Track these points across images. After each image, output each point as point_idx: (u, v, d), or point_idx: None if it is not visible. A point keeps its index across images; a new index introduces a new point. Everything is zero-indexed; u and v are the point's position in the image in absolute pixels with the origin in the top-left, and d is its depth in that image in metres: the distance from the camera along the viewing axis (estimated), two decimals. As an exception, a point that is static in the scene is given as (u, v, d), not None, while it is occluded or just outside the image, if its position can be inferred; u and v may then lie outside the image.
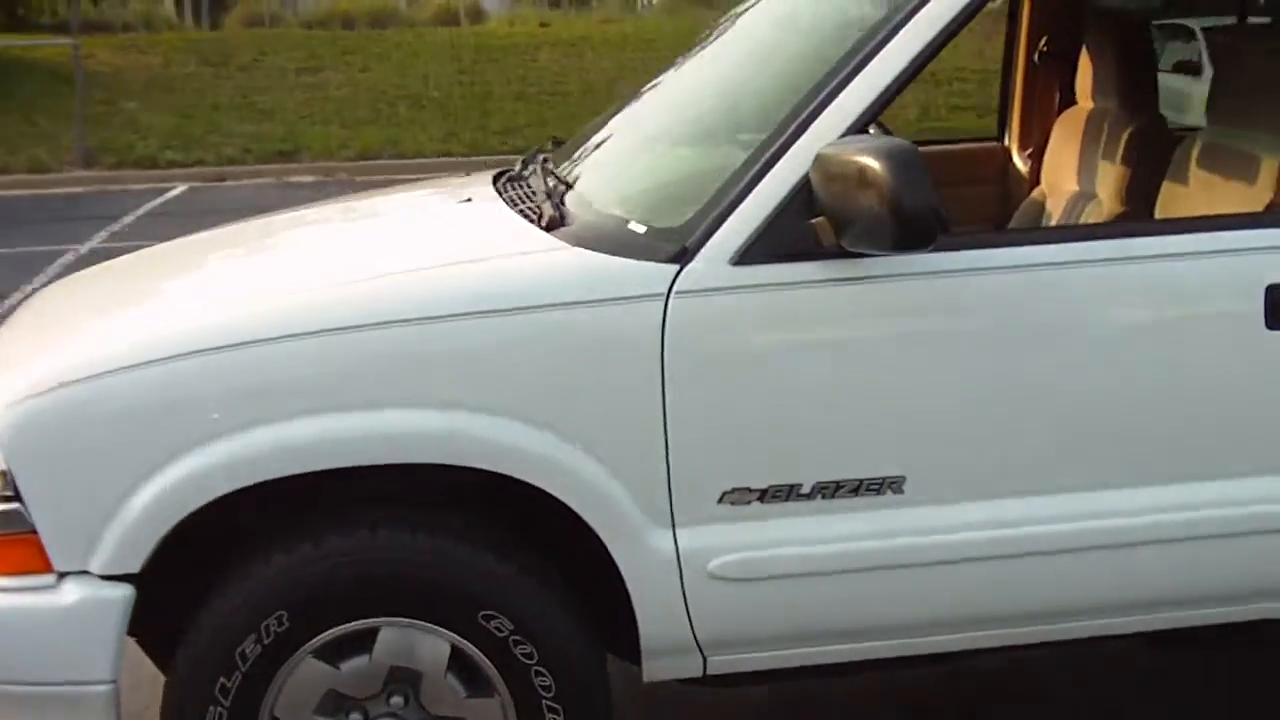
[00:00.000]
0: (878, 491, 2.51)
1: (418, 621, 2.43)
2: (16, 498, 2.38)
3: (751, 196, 2.46)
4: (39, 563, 2.39)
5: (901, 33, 2.50)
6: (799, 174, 2.43)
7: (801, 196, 2.43)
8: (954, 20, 2.52)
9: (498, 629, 2.43)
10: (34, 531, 2.38)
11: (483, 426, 2.39)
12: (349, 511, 2.45)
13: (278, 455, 2.36)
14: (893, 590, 2.57)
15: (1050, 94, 4.12)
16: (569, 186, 2.91)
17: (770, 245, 2.44)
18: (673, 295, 2.42)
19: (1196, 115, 5.79)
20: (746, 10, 3.49)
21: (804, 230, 2.44)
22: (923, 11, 2.52)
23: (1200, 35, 12.60)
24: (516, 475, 2.41)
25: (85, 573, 2.38)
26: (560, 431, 2.40)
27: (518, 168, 3.27)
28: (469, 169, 4.42)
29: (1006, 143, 4.33)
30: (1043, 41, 4.14)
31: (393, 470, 2.41)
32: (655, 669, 2.58)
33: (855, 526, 2.51)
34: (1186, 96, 11.03)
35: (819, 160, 2.39)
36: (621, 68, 18.77)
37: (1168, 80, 9.92)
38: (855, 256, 2.41)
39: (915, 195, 2.25)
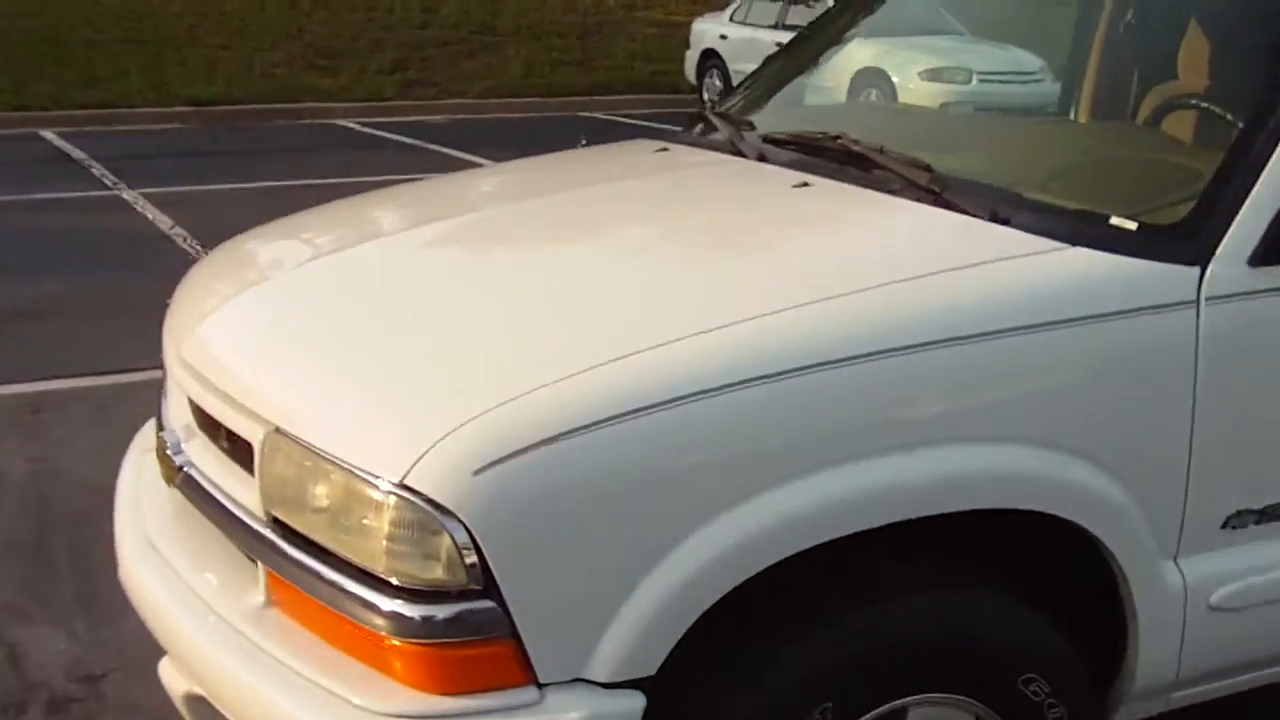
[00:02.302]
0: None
1: (951, 695, 1.97)
2: (487, 592, 1.73)
3: (1259, 190, 2.11)
4: (513, 674, 1.75)
5: None
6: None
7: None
8: None
9: (1035, 693, 2.01)
10: (510, 635, 1.74)
11: (1034, 460, 1.95)
12: (875, 575, 1.94)
13: (837, 511, 1.82)
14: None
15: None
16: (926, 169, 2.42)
17: None
18: (1203, 301, 2.05)
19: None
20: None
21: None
22: None
23: None
24: (1052, 510, 1.98)
25: (580, 681, 1.77)
26: (1093, 458, 2.00)
27: (754, 138, 2.73)
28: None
29: (1074, 117, 4.12)
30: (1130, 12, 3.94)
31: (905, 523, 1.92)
32: (1125, 714, 2.23)
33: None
34: None
35: None
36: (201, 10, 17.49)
37: None
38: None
39: None
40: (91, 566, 3.82)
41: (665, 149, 2.83)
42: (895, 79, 12.86)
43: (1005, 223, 2.17)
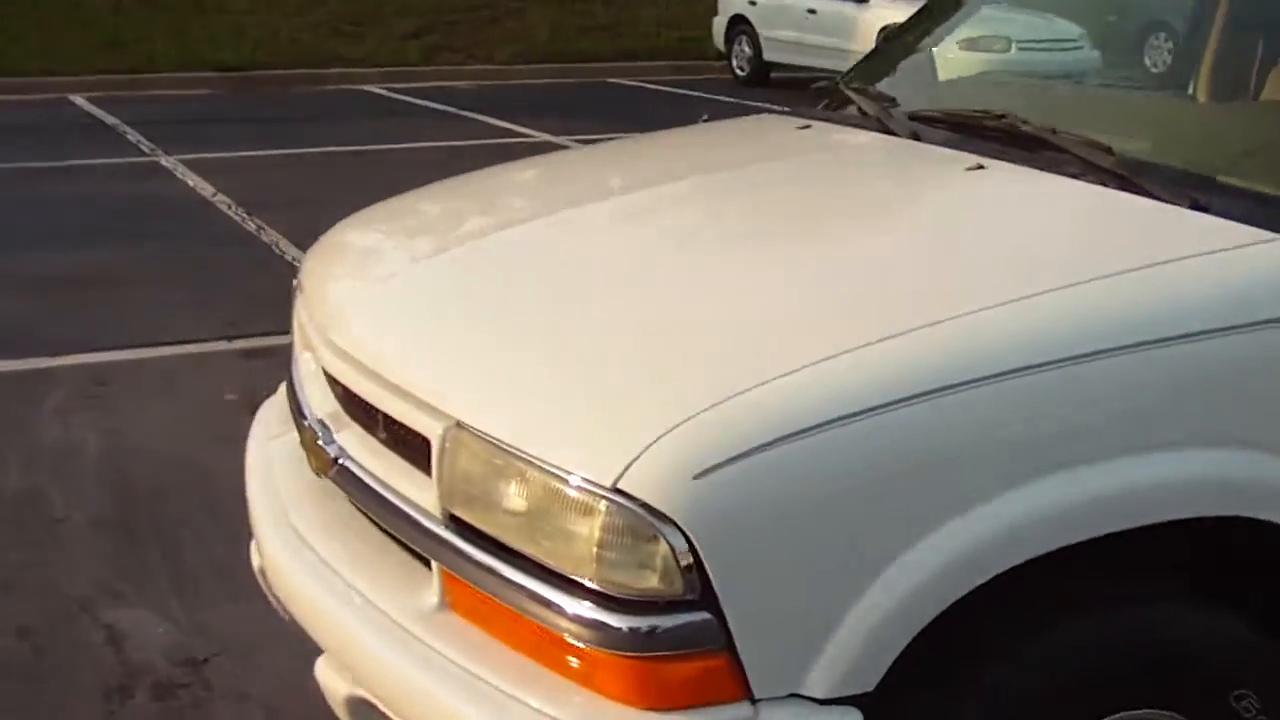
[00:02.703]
0: None
1: (1158, 711, 1.87)
2: (703, 603, 1.62)
3: None
4: (727, 689, 1.64)
5: None
6: None
7: None
8: None
9: (1246, 709, 1.90)
10: (725, 649, 1.63)
11: (1260, 465, 1.83)
12: (1084, 586, 1.83)
13: (1070, 518, 1.70)
14: None
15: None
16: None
17: None
18: None
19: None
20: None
21: None
22: None
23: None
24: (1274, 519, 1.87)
25: (795, 697, 1.66)
26: None
27: (901, 115, 2.60)
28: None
29: (1192, 93, 3.98)
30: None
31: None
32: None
33: None
34: None
35: None
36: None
37: None
38: None
39: None
40: (180, 544, 3.73)
41: (807, 126, 2.69)
42: (935, 51, 12.67)
43: (1204, 210, 2.05)
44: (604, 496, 1.62)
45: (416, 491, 1.92)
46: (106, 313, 5.97)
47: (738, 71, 15.65)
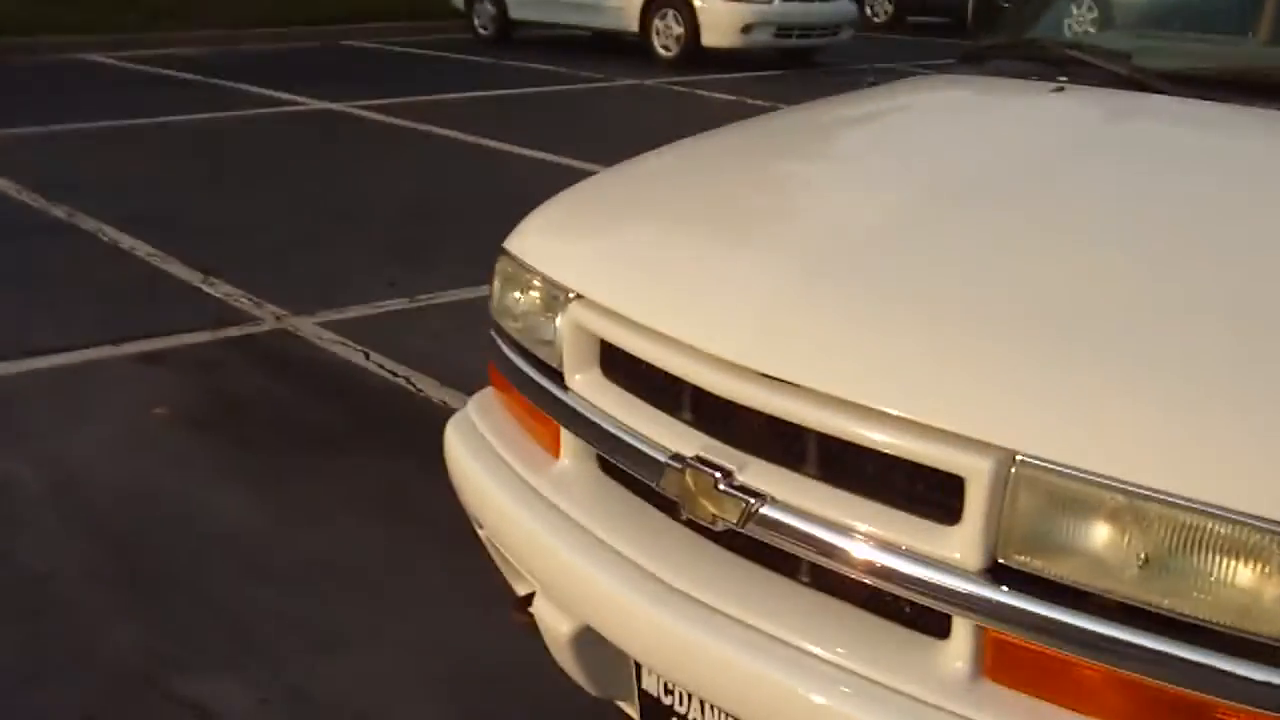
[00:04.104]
0: None
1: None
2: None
3: None
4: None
5: None
6: None
7: None
8: None
9: None
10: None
11: None
12: None
13: None
14: None
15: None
16: None
17: None
18: None
19: None
20: None
21: None
22: None
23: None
24: None
25: None
26: None
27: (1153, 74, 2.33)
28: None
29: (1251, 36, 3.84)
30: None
31: None
32: None
33: None
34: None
35: None
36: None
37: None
38: None
39: None
40: (208, 592, 3.14)
41: (1061, 88, 2.40)
42: (698, 3, 12.57)
43: None
44: (1305, 537, 1.32)
45: (917, 539, 1.55)
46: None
47: (480, 30, 15.09)
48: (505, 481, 2.12)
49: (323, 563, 3.29)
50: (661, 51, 13.09)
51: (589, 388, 2.01)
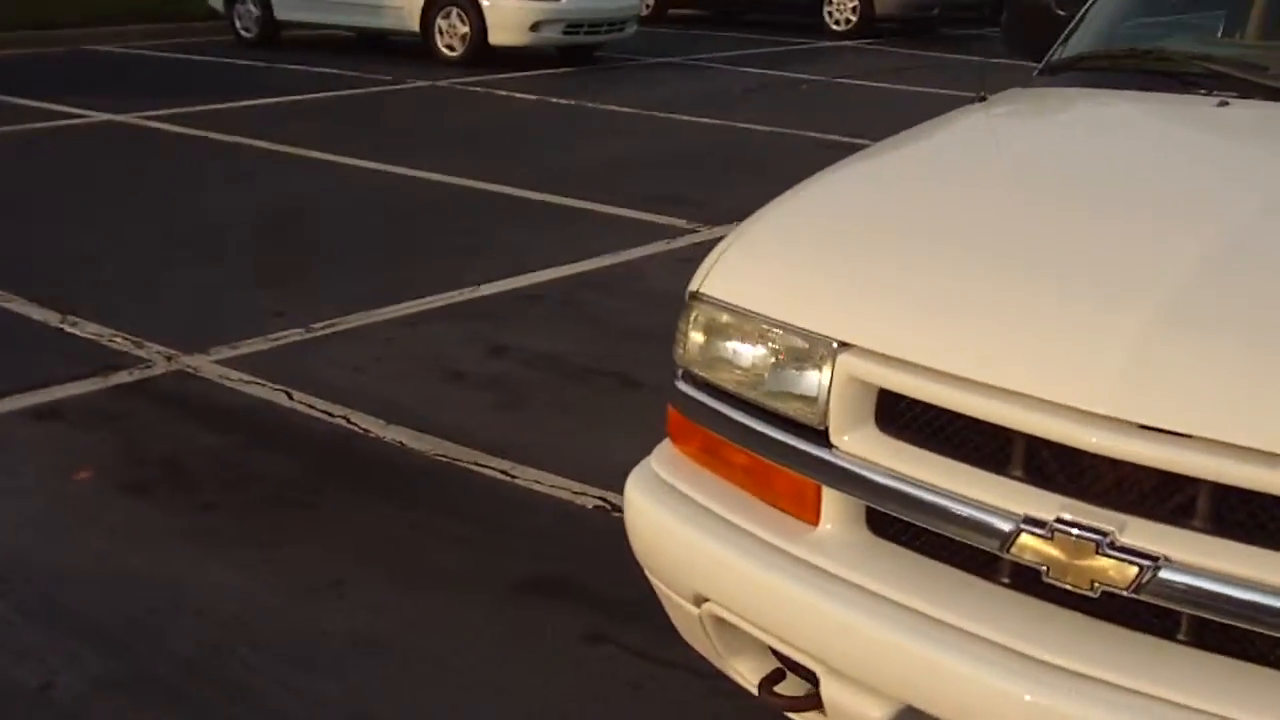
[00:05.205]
0: None
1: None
2: None
3: None
4: None
5: None
6: None
7: None
8: None
9: None
10: None
11: None
12: None
13: None
14: None
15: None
16: None
17: None
18: None
19: None
20: None
21: None
22: None
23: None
24: None
25: None
26: None
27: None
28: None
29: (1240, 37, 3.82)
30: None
31: None
32: None
33: None
34: None
35: None
36: None
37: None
38: None
39: None
40: (233, 700, 2.75)
41: (1226, 103, 2.31)
42: (485, 1, 12.22)
43: None
44: None
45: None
46: None
47: (243, 33, 14.25)
48: (752, 551, 1.90)
49: (367, 640, 2.93)
50: (445, 51, 12.68)
51: (867, 445, 1.80)
